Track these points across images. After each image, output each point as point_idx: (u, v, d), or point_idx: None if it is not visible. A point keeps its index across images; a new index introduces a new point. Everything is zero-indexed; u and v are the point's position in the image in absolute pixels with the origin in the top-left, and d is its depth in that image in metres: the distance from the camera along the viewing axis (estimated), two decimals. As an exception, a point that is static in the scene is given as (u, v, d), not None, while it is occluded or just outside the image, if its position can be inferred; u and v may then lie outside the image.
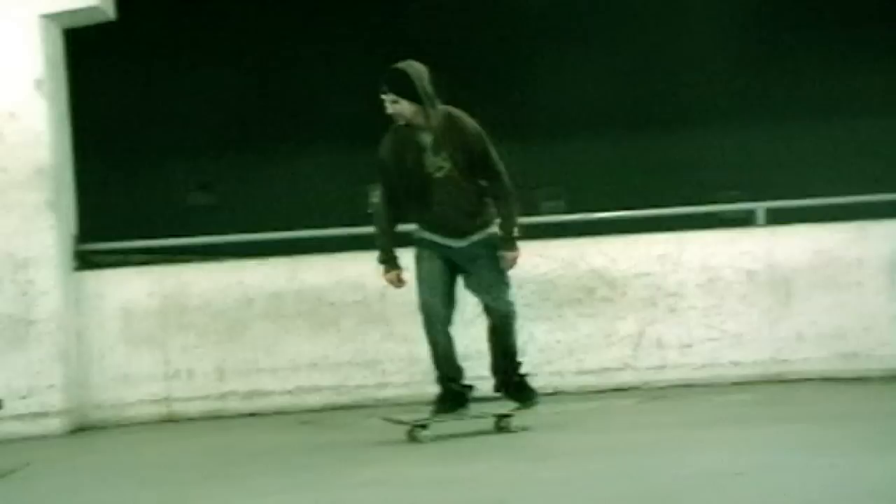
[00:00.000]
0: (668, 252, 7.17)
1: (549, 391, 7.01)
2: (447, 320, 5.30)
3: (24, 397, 6.41)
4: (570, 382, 7.03)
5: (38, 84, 6.67)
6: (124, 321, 6.97)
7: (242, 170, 10.19)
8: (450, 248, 5.26)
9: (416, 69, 5.12)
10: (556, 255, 7.19)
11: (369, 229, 7.78)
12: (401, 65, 5.14)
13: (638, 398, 6.59)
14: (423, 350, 7.05)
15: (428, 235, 5.31)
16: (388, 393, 7.01)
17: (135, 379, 6.93)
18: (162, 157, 8.89)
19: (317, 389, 7.00)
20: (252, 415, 6.89)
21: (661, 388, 6.88)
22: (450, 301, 5.30)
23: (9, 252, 6.64)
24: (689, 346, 7.05)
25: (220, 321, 7.03)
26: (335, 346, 7.04)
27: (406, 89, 5.06)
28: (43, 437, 6.37)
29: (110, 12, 6.93)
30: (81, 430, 6.69)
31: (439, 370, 5.34)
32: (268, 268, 7.17)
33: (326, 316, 7.07)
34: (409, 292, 7.19)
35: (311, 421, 6.44)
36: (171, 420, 6.89)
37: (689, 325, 7.07)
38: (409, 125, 5.13)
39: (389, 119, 5.32)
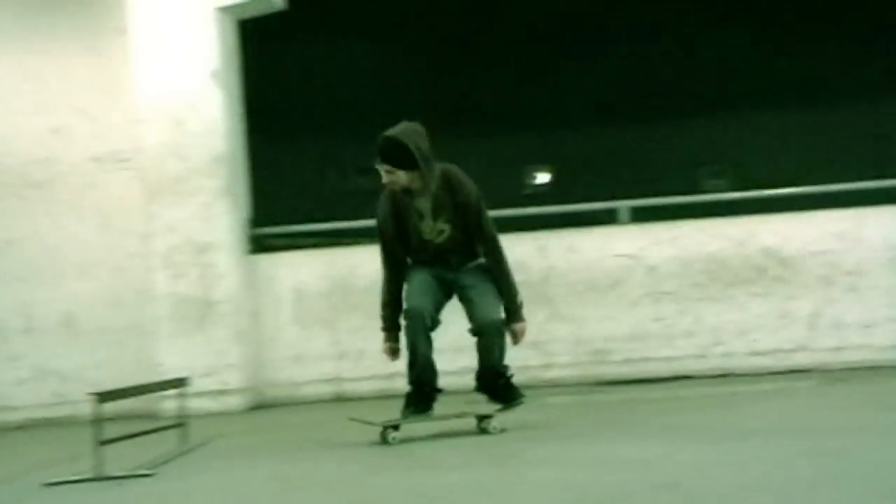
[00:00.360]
0: (846, 229, 6.86)
1: (719, 373, 6.85)
2: (431, 328, 5.09)
3: (206, 375, 6.70)
4: (742, 364, 6.83)
5: (215, 75, 6.95)
6: (296, 303, 7.21)
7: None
8: (442, 271, 5.11)
9: (413, 134, 4.87)
10: (724, 233, 7.00)
11: (529, 210, 7.83)
12: (396, 133, 4.86)
13: (816, 380, 6.33)
14: (589, 330, 7.04)
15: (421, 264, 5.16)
16: (554, 374, 7.00)
17: (307, 359, 7.16)
18: (326, 142, 9.11)
19: (482, 370, 7.04)
20: (419, 394, 6.98)
21: (840, 371, 6.59)
22: (436, 311, 5.09)
23: (190, 237, 6.96)
24: (871, 326, 6.74)
25: (387, 303, 7.15)
26: (500, 327, 7.06)
27: (402, 160, 4.82)
28: (223, 414, 6.65)
29: (280, 1, 7.15)
30: (259, 407, 6.96)
31: (415, 374, 5.15)
32: (432, 250, 7.24)
33: (491, 297, 7.09)
34: (574, 272, 7.17)
35: (478, 400, 6.48)
36: (341, 399, 7.08)
37: (871, 304, 6.76)
38: (406, 190, 4.93)
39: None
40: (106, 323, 7.15)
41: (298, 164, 7.91)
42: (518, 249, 7.10)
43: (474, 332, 5.13)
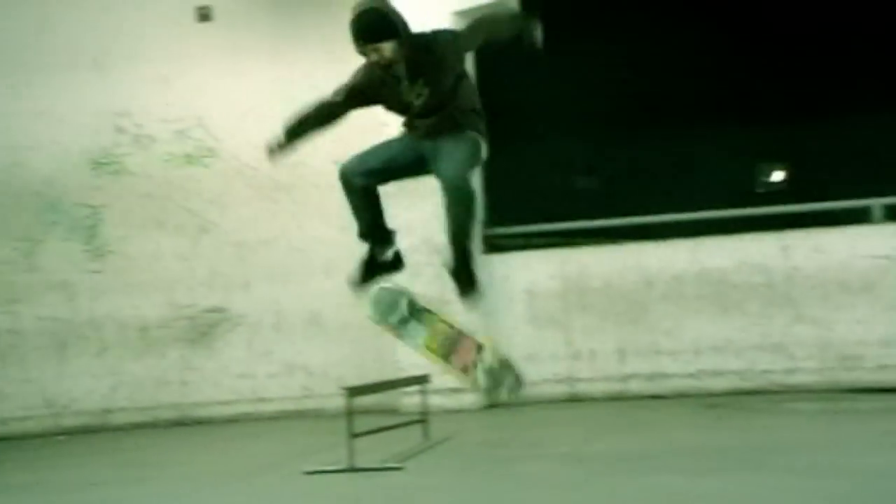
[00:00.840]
0: None
1: None
2: (364, 185, 4.89)
3: (441, 373, 6.83)
4: None
5: (451, 79, 7.08)
6: (529, 302, 7.24)
7: (629, 151, 10.17)
8: (424, 144, 4.79)
9: (386, 2, 4.56)
10: None
11: (770, 209, 7.53)
12: (366, 6, 4.47)
13: None
14: (837, 334, 6.68)
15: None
16: (798, 379, 6.69)
17: (540, 358, 7.18)
18: (558, 143, 9.12)
19: (720, 373, 6.84)
20: (653, 397, 6.88)
21: None
22: (378, 173, 4.89)
23: (426, 237, 7.13)
24: None
25: (620, 303, 7.08)
26: (739, 330, 6.84)
27: (385, 30, 4.48)
28: (458, 412, 6.77)
29: (514, 4, 7.21)
30: (493, 406, 7.04)
31: (360, 235, 5.03)
32: (667, 250, 7.11)
33: (729, 299, 6.88)
34: (821, 273, 6.82)
35: (718, 405, 6.29)
36: (574, 399, 7.06)
37: None
38: (387, 66, 4.57)
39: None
40: (347, 321, 7.44)
41: (530, 165, 7.96)
42: (758, 249, 6.87)
43: (444, 202, 4.80)
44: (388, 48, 4.50)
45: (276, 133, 5.02)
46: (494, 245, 7.39)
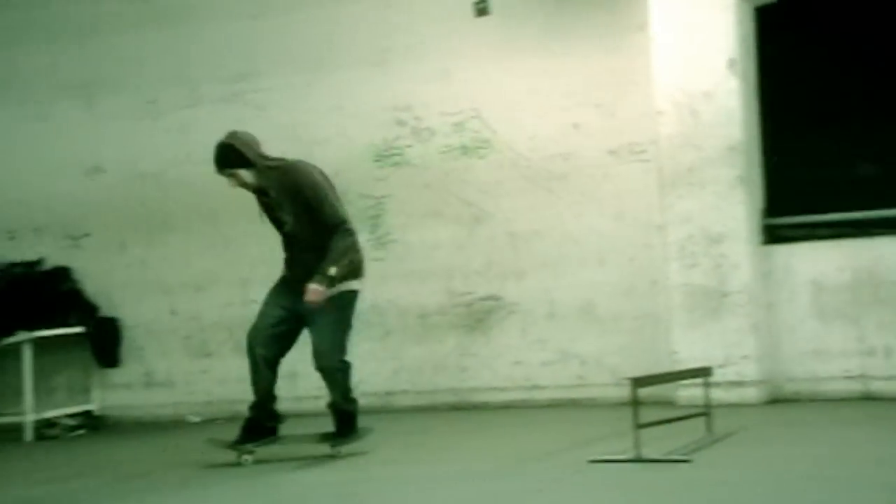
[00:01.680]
0: None
1: None
2: (268, 353, 5.40)
3: (721, 366, 6.61)
4: None
5: (731, 63, 6.86)
6: (814, 295, 6.89)
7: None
8: (300, 297, 5.30)
9: (241, 138, 5.34)
10: None
11: None
12: (223, 140, 5.33)
13: None
14: None
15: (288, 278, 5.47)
16: None
17: (827, 354, 6.82)
18: (843, 129, 8.60)
19: None
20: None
21: None
22: (276, 338, 5.39)
23: (703, 227, 6.95)
24: None
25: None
26: None
27: (235, 160, 5.28)
28: (740, 406, 6.55)
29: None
30: (776, 401, 6.77)
31: (255, 396, 5.48)
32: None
33: None
34: None
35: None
36: (868, 398, 6.64)
37: None
38: (260, 189, 5.34)
39: None
40: (621, 311, 7.39)
41: (814, 152, 7.54)
42: None
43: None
44: (243, 174, 5.32)
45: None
46: (776, 235, 7.08)
